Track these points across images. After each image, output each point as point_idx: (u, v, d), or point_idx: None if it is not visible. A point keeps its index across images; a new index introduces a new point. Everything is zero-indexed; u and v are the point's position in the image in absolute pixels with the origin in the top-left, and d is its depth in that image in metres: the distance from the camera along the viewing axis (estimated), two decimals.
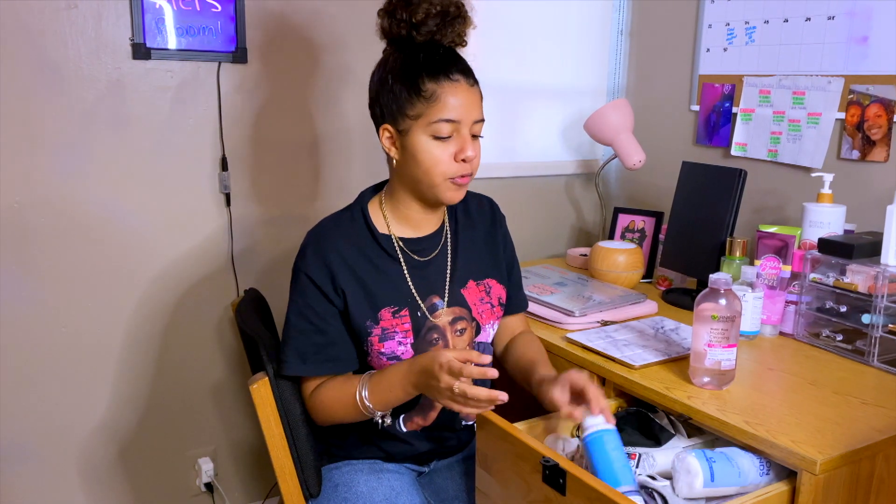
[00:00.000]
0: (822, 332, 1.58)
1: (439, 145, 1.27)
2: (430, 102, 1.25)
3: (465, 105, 1.27)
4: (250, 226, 1.98)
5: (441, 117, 1.26)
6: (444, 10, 1.27)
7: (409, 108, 1.27)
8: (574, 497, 1.06)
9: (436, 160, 1.28)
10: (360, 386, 1.28)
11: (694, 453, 1.15)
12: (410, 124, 1.28)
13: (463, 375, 1.14)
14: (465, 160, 1.28)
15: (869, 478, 1.18)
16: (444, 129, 1.26)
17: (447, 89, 1.26)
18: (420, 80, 1.26)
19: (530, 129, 2.44)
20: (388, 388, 1.26)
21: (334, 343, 1.33)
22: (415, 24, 1.27)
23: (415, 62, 1.27)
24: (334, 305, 1.32)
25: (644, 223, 2.25)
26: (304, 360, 1.32)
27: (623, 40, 2.49)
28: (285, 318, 1.34)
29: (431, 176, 1.29)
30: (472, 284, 1.43)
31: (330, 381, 1.33)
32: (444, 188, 1.30)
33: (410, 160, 1.30)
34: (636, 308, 1.78)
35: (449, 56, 1.30)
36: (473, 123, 1.30)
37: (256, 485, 2.13)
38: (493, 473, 1.24)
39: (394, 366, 1.28)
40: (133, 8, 1.72)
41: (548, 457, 1.10)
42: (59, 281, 1.76)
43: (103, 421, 1.87)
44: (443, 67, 1.27)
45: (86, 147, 1.74)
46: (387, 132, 1.32)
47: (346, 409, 1.30)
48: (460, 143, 1.28)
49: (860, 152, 1.83)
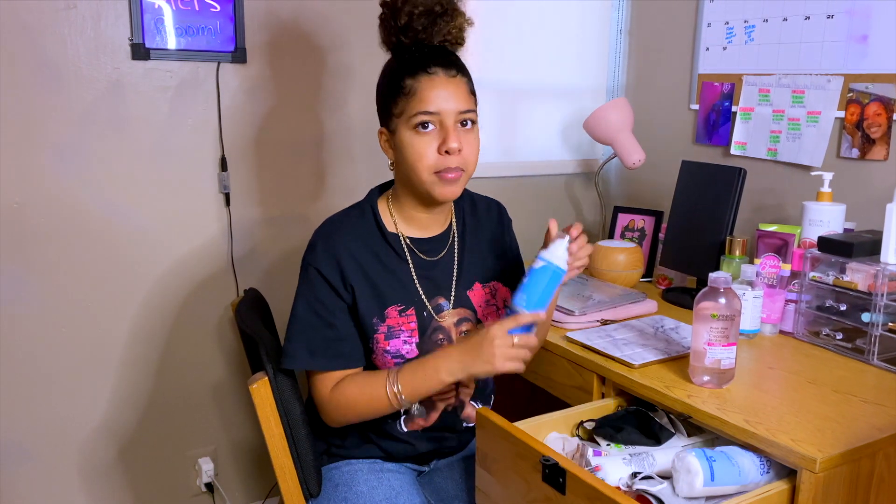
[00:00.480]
0: (822, 330, 1.58)
1: (421, 139, 1.27)
2: (409, 97, 1.26)
3: (443, 96, 1.26)
4: (250, 226, 1.98)
5: (419, 110, 1.26)
6: (428, 9, 1.27)
7: (393, 106, 1.28)
8: (574, 496, 1.06)
9: (419, 154, 1.27)
10: (391, 381, 1.28)
11: (694, 452, 1.15)
12: (397, 123, 1.29)
13: (511, 328, 1.23)
14: (448, 152, 1.26)
15: (869, 476, 1.18)
16: (423, 122, 1.26)
17: (423, 83, 1.26)
18: (400, 77, 1.27)
19: (529, 129, 2.44)
20: (422, 378, 1.26)
21: (343, 338, 1.32)
22: (401, 28, 1.28)
23: (400, 63, 1.29)
24: (343, 300, 1.32)
25: (644, 222, 2.25)
26: (314, 354, 1.31)
27: (622, 39, 2.49)
28: (291, 312, 1.33)
29: (418, 171, 1.28)
30: (478, 286, 1.43)
31: (351, 378, 1.32)
32: (431, 183, 1.29)
33: (400, 158, 1.31)
34: (636, 307, 1.78)
35: (432, 52, 1.29)
36: (459, 114, 1.27)
37: (257, 485, 2.13)
38: (493, 473, 1.24)
39: (426, 358, 1.28)
40: (132, 8, 1.72)
41: (547, 456, 1.10)
42: (59, 281, 1.76)
43: (103, 421, 1.87)
44: (421, 63, 1.27)
45: (85, 147, 1.74)
46: (383, 135, 1.34)
47: (371, 404, 1.29)
48: (443, 134, 1.27)
49: (860, 151, 1.83)
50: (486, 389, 1.49)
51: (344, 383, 1.32)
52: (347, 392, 1.31)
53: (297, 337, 1.32)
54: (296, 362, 1.32)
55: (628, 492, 1.17)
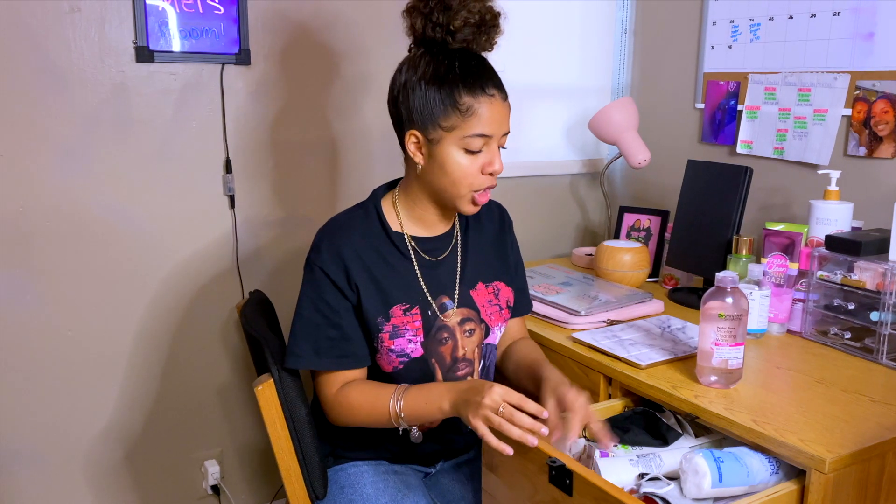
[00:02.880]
0: (830, 329, 1.57)
1: (470, 159, 1.27)
2: (466, 116, 1.24)
3: (498, 120, 1.27)
4: (255, 228, 1.98)
5: (475, 132, 1.25)
6: (481, 18, 1.26)
7: (442, 118, 1.25)
8: (581, 497, 1.05)
9: (465, 173, 1.27)
10: (396, 397, 1.26)
11: (702, 453, 1.14)
12: (442, 135, 1.26)
13: (515, 403, 1.13)
14: (492, 174, 1.29)
15: (879, 476, 1.17)
16: (477, 144, 1.26)
17: (483, 104, 1.25)
18: (457, 92, 1.24)
19: (535, 129, 2.43)
20: (424, 402, 1.24)
21: (349, 338, 1.32)
22: (451, 31, 1.26)
23: (451, 72, 1.25)
24: (348, 300, 1.32)
25: (650, 222, 2.24)
26: (319, 354, 1.31)
27: (627, 39, 2.48)
28: (296, 312, 1.33)
29: (458, 187, 1.28)
30: (481, 286, 1.43)
31: (360, 383, 1.32)
32: (466, 200, 1.30)
33: (438, 169, 1.28)
34: (642, 307, 1.77)
35: (483, 68, 1.28)
36: (503, 137, 1.30)
37: (263, 487, 2.13)
38: (499, 474, 1.24)
39: (435, 383, 1.28)
40: (136, 11, 1.72)
41: (554, 457, 1.09)
42: (64, 284, 1.76)
43: (109, 424, 1.87)
44: (479, 81, 1.25)
45: (89, 150, 1.74)
46: (413, 137, 1.29)
47: (373, 414, 1.29)
48: (490, 156, 1.28)
49: (867, 149, 1.82)
50: None
51: (351, 388, 1.31)
52: (352, 398, 1.30)
53: (302, 337, 1.32)
54: (301, 362, 1.31)
55: (635, 494, 1.16)
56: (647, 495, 1.15)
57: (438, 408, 1.22)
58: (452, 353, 1.37)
